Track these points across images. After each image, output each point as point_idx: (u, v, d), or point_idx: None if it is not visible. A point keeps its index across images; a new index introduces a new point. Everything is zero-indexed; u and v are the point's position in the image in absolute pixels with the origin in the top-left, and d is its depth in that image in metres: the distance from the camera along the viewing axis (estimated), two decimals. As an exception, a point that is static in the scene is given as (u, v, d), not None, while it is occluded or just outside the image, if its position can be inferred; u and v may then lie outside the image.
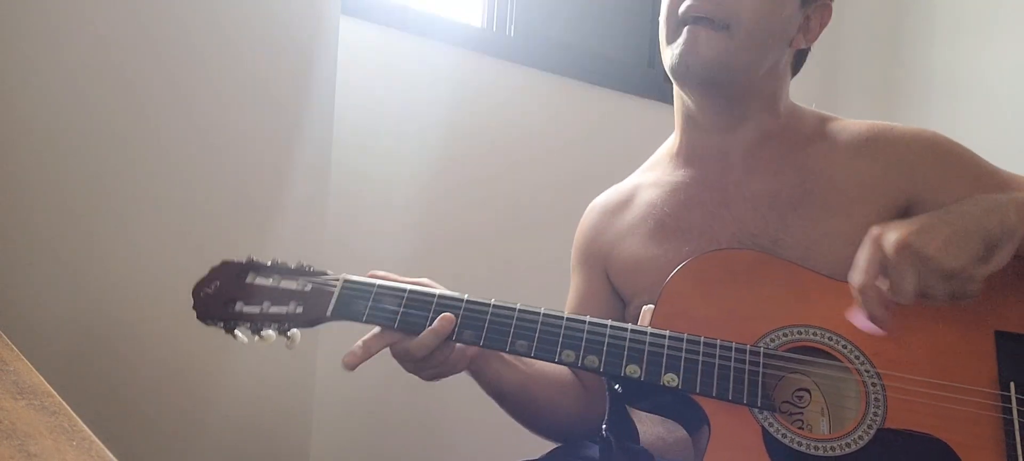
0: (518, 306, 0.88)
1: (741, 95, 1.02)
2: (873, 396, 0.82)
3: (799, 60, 1.08)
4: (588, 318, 0.87)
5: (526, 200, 1.92)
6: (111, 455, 0.55)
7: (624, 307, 1.08)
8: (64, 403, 0.64)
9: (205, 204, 1.26)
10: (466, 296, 0.89)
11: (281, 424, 1.36)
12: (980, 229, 0.81)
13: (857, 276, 0.81)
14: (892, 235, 0.80)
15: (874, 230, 0.82)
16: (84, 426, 0.59)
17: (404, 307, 0.89)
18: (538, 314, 0.87)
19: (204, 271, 0.93)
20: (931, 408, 0.81)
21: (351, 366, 0.89)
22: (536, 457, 1.04)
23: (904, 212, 0.97)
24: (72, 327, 1.18)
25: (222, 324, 0.91)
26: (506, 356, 0.99)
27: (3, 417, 0.58)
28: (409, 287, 0.91)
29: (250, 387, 1.33)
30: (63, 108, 1.17)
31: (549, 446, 1.09)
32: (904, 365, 0.84)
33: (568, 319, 0.87)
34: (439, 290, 0.91)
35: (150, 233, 1.24)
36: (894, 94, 2.43)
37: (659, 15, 1.04)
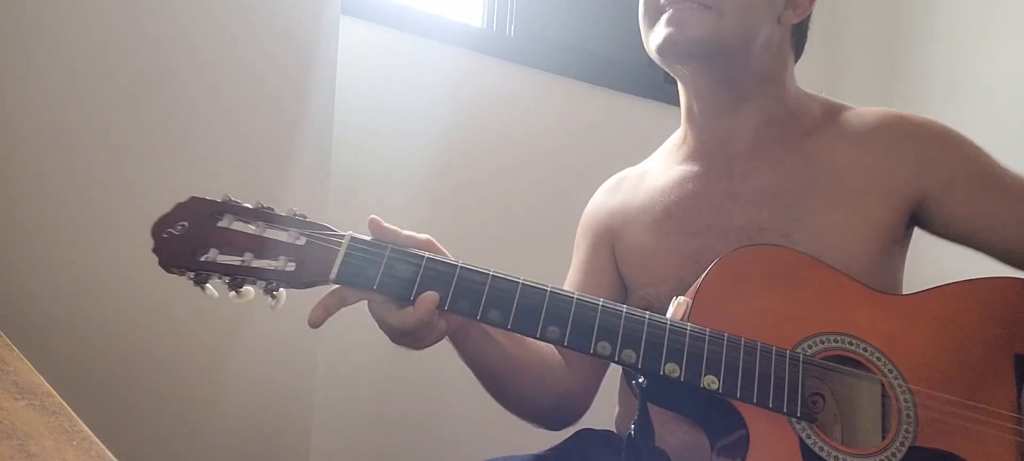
0: (549, 288, 0.80)
1: (736, 74, 0.99)
2: (905, 413, 0.81)
3: (800, 41, 1.06)
4: (625, 307, 0.81)
5: (526, 200, 1.92)
6: (111, 455, 0.55)
7: (627, 294, 1.06)
8: (64, 403, 0.64)
9: (205, 204, 1.26)
10: (491, 271, 0.80)
11: (281, 424, 1.36)
12: None
13: None
14: None
15: None
16: (84, 426, 0.59)
17: (421, 278, 0.78)
18: (572, 299, 0.80)
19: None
20: (959, 429, 0.81)
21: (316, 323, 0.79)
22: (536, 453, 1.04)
23: (915, 206, 0.96)
24: (72, 327, 1.18)
25: (191, 275, 0.76)
26: (490, 331, 0.93)
27: (3, 417, 0.58)
28: (427, 256, 0.80)
29: (250, 387, 1.33)
30: (63, 108, 1.17)
31: (550, 445, 1.08)
32: (934, 382, 0.83)
33: (603, 306, 0.80)
34: (461, 262, 0.81)
35: (150, 233, 1.23)
36: (894, 93, 2.43)
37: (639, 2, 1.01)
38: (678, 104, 1.10)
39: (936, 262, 0.92)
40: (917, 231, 1.02)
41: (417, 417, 1.76)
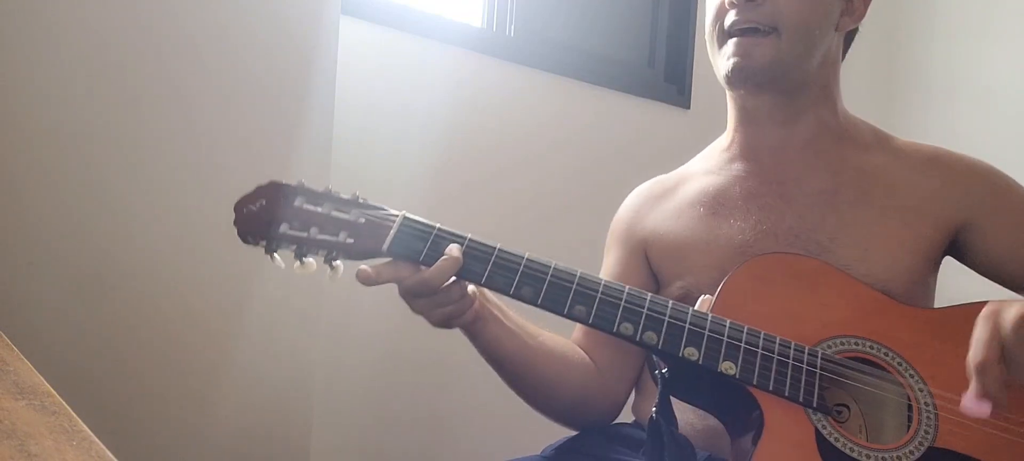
0: (579, 272, 0.86)
1: (796, 88, 1.02)
2: (925, 414, 0.82)
3: (847, 43, 1.09)
4: (649, 294, 0.85)
5: (526, 200, 1.93)
6: (111, 455, 0.55)
7: (658, 289, 1.08)
8: (64, 403, 0.64)
9: (205, 204, 1.26)
10: (526, 254, 0.87)
11: (281, 424, 1.36)
12: None
13: (976, 354, 0.76)
14: (1011, 312, 0.76)
15: (991, 306, 0.78)
16: (84, 426, 0.59)
17: (464, 256, 0.86)
18: (599, 283, 0.86)
19: (203, 271, 0.92)
20: (981, 434, 0.81)
21: (366, 281, 0.85)
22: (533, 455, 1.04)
23: (956, 234, 1.00)
24: (72, 327, 1.18)
25: (264, 243, 0.86)
26: (508, 323, 0.98)
27: (3, 417, 0.58)
28: (470, 235, 0.88)
29: (250, 387, 1.33)
30: (63, 108, 1.17)
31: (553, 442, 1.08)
32: (957, 389, 0.82)
33: (629, 291, 0.85)
34: (498, 244, 0.88)
35: (150, 233, 1.24)
36: (894, 94, 2.43)
37: (705, 24, 1.04)
38: (678, 105, 1.11)
39: (962, 290, 0.93)
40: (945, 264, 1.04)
41: (417, 417, 1.76)
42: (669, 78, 2.26)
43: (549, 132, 1.97)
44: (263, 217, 0.87)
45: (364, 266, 0.85)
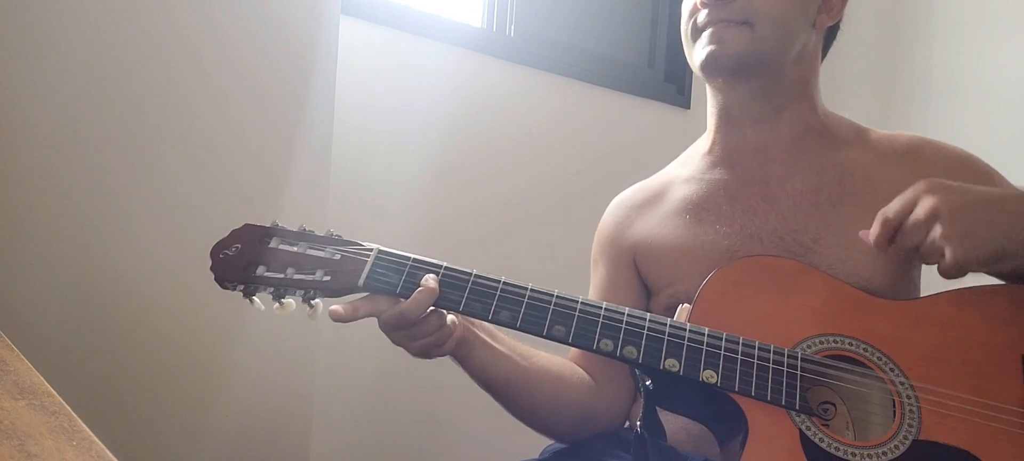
0: (555, 292, 0.86)
1: (773, 82, 1.02)
2: (908, 408, 0.82)
3: (827, 42, 1.09)
4: (627, 309, 0.86)
5: (526, 200, 1.93)
6: (111, 455, 0.55)
7: (649, 298, 1.08)
8: (64, 403, 0.64)
9: (205, 204, 1.26)
10: (503, 278, 0.87)
11: (281, 424, 1.37)
12: (1008, 237, 0.81)
13: (888, 209, 0.85)
14: (929, 200, 0.82)
15: (922, 183, 0.84)
16: (84, 426, 0.59)
17: (440, 285, 0.86)
18: (576, 301, 0.86)
19: (203, 271, 0.92)
20: (965, 424, 0.82)
21: (340, 319, 0.85)
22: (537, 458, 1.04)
23: None
24: (72, 327, 1.18)
25: (241, 288, 0.88)
26: (497, 346, 0.98)
27: (3, 417, 0.58)
28: (445, 265, 0.88)
29: (250, 387, 1.33)
30: (63, 108, 1.17)
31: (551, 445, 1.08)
32: (938, 380, 0.84)
33: (607, 308, 0.86)
34: (475, 271, 0.89)
35: (150, 233, 1.24)
36: (893, 94, 2.43)
37: (680, 20, 1.05)
38: (678, 105, 1.10)
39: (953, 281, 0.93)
40: None
41: (417, 417, 1.76)
42: (669, 78, 2.26)
43: (549, 132, 1.97)
44: (239, 262, 0.88)
45: (336, 306, 0.85)
